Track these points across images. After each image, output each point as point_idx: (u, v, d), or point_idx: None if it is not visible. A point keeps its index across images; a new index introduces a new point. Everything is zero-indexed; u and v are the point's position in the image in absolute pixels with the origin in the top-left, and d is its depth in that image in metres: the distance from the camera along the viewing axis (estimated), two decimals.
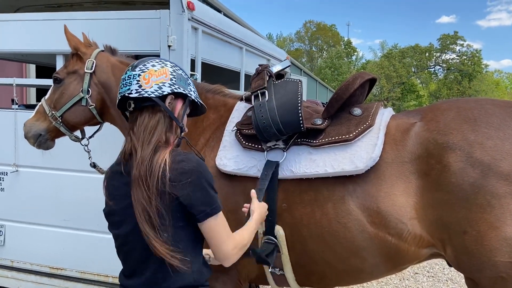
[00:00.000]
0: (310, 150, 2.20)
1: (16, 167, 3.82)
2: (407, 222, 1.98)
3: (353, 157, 2.09)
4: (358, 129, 2.15)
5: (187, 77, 1.88)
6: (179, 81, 1.80)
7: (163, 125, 1.74)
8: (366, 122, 2.16)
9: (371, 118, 2.19)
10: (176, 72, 1.81)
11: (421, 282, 5.46)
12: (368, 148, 2.08)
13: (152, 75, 1.74)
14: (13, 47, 3.78)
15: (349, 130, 2.16)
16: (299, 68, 20.27)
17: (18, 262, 3.96)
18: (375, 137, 2.11)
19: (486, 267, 1.86)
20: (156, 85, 1.73)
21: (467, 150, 1.89)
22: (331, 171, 2.10)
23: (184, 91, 1.80)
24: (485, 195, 1.82)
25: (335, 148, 2.15)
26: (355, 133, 2.14)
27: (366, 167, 2.05)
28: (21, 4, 4.61)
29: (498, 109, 1.99)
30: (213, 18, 3.78)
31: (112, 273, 3.70)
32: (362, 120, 2.20)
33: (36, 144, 2.61)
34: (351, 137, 2.13)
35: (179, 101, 1.82)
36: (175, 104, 1.80)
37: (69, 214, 3.79)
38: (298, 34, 69.43)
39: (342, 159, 2.10)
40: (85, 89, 2.51)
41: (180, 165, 1.65)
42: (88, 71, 2.52)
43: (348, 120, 2.23)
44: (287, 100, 2.24)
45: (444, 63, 58.32)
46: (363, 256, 2.10)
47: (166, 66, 1.79)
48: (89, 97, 2.52)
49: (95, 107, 2.55)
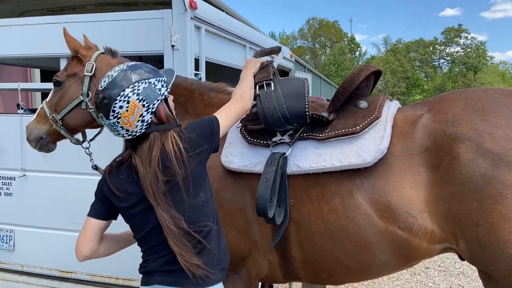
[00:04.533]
0: (317, 144, 2.18)
1: (23, 171, 3.83)
2: (417, 216, 1.96)
3: (361, 150, 2.06)
4: (364, 121, 2.13)
5: (148, 77, 1.84)
6: (150, 98, 1.81)
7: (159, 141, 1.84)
8: (373, 114, 2.14)
9: (377, 110, 2.16)
10: (142, 92, 1.79)
11: (433, 276, 5.43)
12: (376, 140, 2.06)
13: (128, 117, 1.79)
14: (17, 52, 3.79)
15: (356, 122, 2.14)
16: (303, 66, 20.20)
17: (28, 266, 3.97)
18: (382, 129, 2.09)
19: (500, 260, 1.83)
20: (138, 122, 1.80)
21: (476, 140, 1.86)
22: (338, 164, 2.08)
23: (158, 100, 1.83)
24: (496, 186, 1.79)
25: (342, 142, 2.13)
26: (362, 126, 2.11)
27: (374, 160, 2.03)
28: (24, 8, 4.62)
29: (507, 98, 1.96)
30: (216, 16, 3.76)
31: (122, 275, 3.71)
32: (369, 112, 2.17)
33: (38, 147, 2.60)
34: (357, 129, 2.10)
35: (160, 106, 1.87)
36: (158, 112, 1.86)
37: (77, 217, 3.78)
38: (301, 32, 69.34)
39: (349, 152, 2.08)
40: (85, 92, 2.50)
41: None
42: (88, 73, 2.50)
43: (355, 113, 2.21)
44: (294, 91, 2.22)
45: (449, 56, 58.02)
46: (372, 252, 2.07)
47: (130, 97, 1.78)
48: (89, 100, 2.50)
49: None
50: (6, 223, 4.00)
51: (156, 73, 1.88)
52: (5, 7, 4.46)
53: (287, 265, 2.31)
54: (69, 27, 3.37)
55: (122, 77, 1.81)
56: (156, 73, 1.89)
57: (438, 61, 60.40)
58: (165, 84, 1.88)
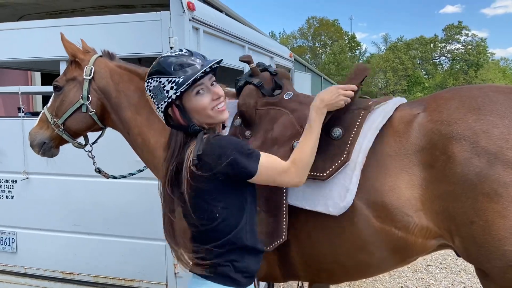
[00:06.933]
0: None
1: (26, 174, 3.85)
2: (413, 215, 1.96)
3: (326, 199, 2.03)
4: (332, 165, 2.04)
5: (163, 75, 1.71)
6: (157, 97, 1.73)
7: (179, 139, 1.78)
8: (342, 155, 2.04)
9: (349, 146, 2.05)
10: (152, 90, 1.74)
11: (434, 274, 5.43)
12: (341, 192, 2.00)
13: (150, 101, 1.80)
14: (17, 56, 3.81)
15: (324, 165, 2.05)
16: (303, 65, 20.21)
17: (31, 268, 4.00)
18: (349, 177, 2.01)
19: (495, 257, 1.84)
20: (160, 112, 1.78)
21: (472, 139, 1.86)
22: (308, 208, 2.07)
23: (165, 102, 1.72)
24: (491, 184, 1.79)
25: (311, 182, 2.06)
26: (329, 172, 2.04)
27: (340, 213, 2.00)
28: (23, 12, 4.64)
29: (502, 96, 1.95)
30: (214, 17, 3.78)
31: (124, 275, 3.73)
32: (340, 150, 2.05)
33: (41, 152, 2.63)
34: (324, 176, 2.04)
35: (173, 108, 1.76)
36: (173, 113, 1.77)
37: (79, 219, 3.82)
38: (301, 31, 69.31)
39: (316, 198, 2.05)
40: (85, 95, 2.52)
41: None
42: (86, 77, 2.53)
43: (326, 146, 2.08)
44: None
45: (450, 54, 57.95)
46: (370, 251, 2.08)
47: (146, 91, 1.77)
48: (89, 103, 2.52)
49: (96, 113, 2.56)
50: (9, 225, 4.03)
51: (175, 73, 1.71)
52: (4, 11, 4.48)
53: (287, 265, 2.33)
54: (68, 30, 3.40)
55: (151, 68, 1.77)
56: (176, 73, 1.71)
57: (439, 58, 60.36)
58: (176, 86, 1.69)
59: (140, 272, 3.68)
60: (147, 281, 3.67)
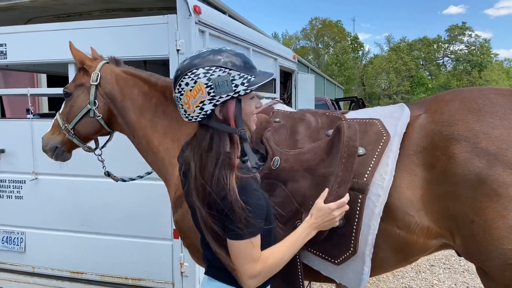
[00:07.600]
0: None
1: (35, 174, 3.92)
2: (414, 214, 1.99)
3: (342, 277, 2.10)
4: (341, 255, 2.04)
5: (233, 69, 1.65)
6: (219, 88, 1.63)
7: (218, 141, 1.68)
8: (350, 248, 2.02)
9: (354, 238, 2.01)
10: (213, 79, 1.63)
11: (438, 274, 5.47)
12: (356, 279, 2.05)
13: (190, 98, 1.65)
14: (26, 58, 3.88)
15: (332, 251, 2.06)
16: (306, 66, 20.25)
17: (39, 267, 4.07)
18: (361, 267, 2.03)
19: (495, 256, 1.87)
20: (197, 108, 1.66)
21: (472, 140, 1.90)
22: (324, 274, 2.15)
23: (228, 95, 1.64)
24: (491, 185, 1.83)
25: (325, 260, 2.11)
26: (341, 259, 2.05)
27: None
28: (31, 15, 4.71)
29: (502, 98, 2.00)
30: (219, 20, 3.83)
31: (132, 275, 3.79)
32: (345, 238, 2.02)
33: (54, 157, 2.72)
34: (337, 262, 2.07)
35: (231, 104, 1.68)
36: (226, 110, 1.68)
37: (87, 219, 3.88)
38: (304, 32, 69.31)
39: (333, 271, 2.11)
40: (92, 100, 2.60)
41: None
42: (93, 83, 2.61)
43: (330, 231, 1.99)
44: None
45: (453, 54, 57.83)
46: (374, 251, 2.11)
47: (200, 78, 1.63)
48: (96, 108, 2.60)
49: (103, 117, 2.64)
50: (17, 225, 4.09)
51: (247, 71, 1.67)
52: (13, 14, 4.54)
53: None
54: (76, 34, 3.46)
55: (207, 56, 1.67)
56: (248, 70, 1.68)
57: (442, 59, 60.25)
58: (248, 84, 1.65)
59: (147, 271, 3.73)
60: (154, 280, 3.72)
